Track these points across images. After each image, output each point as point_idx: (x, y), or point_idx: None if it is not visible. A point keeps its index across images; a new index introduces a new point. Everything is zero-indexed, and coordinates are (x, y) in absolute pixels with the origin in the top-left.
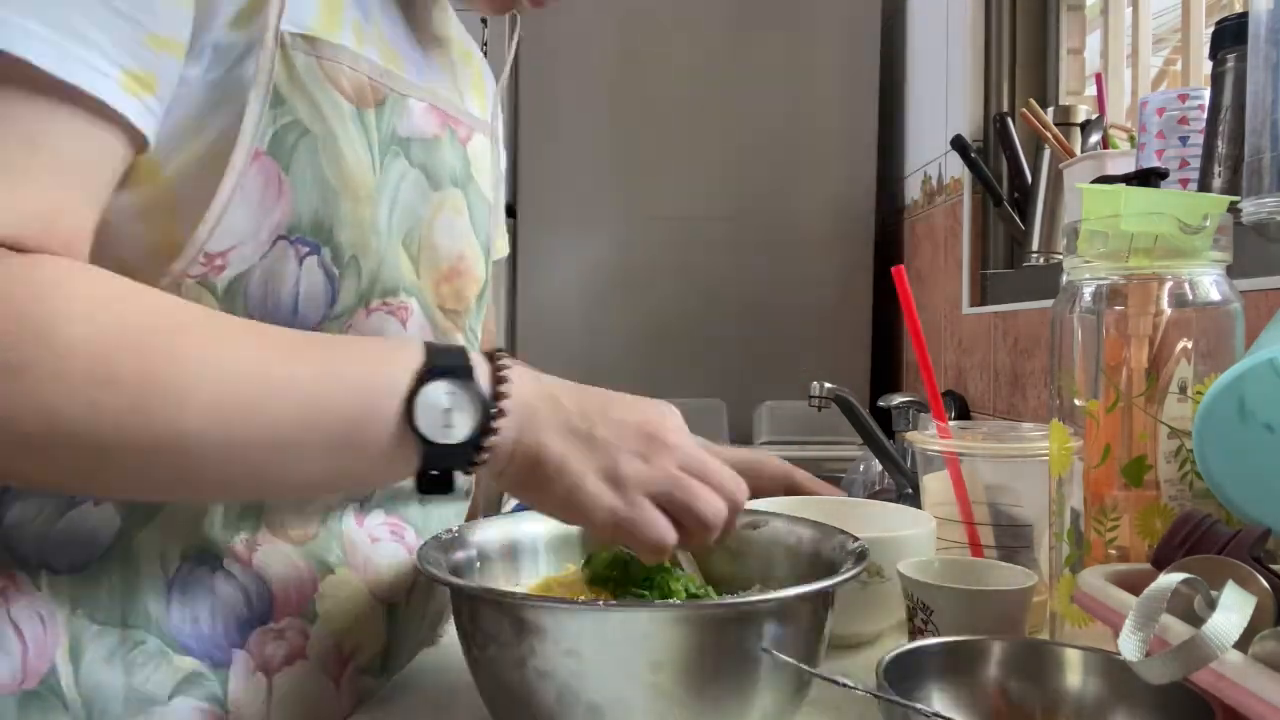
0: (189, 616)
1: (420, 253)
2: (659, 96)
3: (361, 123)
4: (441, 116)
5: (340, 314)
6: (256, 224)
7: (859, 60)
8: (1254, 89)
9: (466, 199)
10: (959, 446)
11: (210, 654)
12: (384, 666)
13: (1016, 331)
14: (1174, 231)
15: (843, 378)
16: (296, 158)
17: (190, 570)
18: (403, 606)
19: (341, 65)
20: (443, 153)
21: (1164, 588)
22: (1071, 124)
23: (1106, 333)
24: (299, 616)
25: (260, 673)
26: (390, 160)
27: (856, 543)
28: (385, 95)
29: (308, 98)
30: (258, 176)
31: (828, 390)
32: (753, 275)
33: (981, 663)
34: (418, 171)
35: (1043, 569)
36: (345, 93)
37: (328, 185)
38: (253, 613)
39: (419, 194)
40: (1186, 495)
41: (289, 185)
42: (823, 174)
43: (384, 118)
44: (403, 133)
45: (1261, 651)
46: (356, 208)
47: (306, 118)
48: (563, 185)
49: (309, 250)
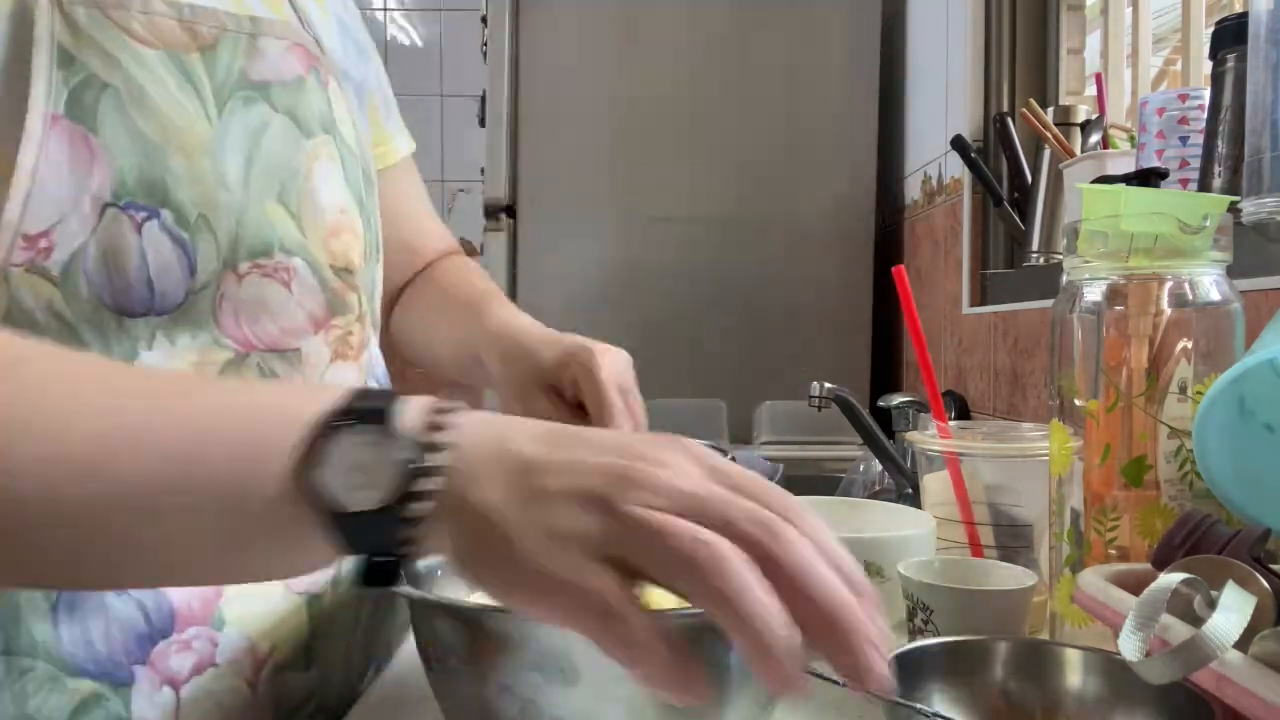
0: (80, 638)
1: (302, 207)
2: (659, 96)
3: (180, 69)
4: (306, 57)
5: (206, 283)
6: (74, 194)
7: (859, 60)
8: (1254, 89)
9: (338, 148)
10: (959, 446)
11: (109, 674)
12: (309, 662)
13: (1016, 331)
14: (1174, 231)
15: (843, 378)
16: (102, 115)
17: (75, 591)
18: (327, 594)
19: (130, 11)
20: (308, 96)
21: (1164, 588)
22: (1071, 124)
23: (1106, 333)
24: (205, 625)
25: (167, 687)
26: (238, 107)
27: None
28: (217, 37)
29: (99, 51)
30: (60, 141)
31: (828, 390)
32: (752, 275)
33: (981, 663)
34: (284, 118)
35: (1043, 569)
36: (143, 39)
37: (147, 140)
38: (153, 627)
39: (289, 143)
40: (1186, 495)
41: (100, 147)
42: (823, 174)
43: (218, 61)
44: (256, 76)
45: (1261, 651)
46: (191, 162)
47: (102, 71)
48: (563, 185)
49: (146, 215)
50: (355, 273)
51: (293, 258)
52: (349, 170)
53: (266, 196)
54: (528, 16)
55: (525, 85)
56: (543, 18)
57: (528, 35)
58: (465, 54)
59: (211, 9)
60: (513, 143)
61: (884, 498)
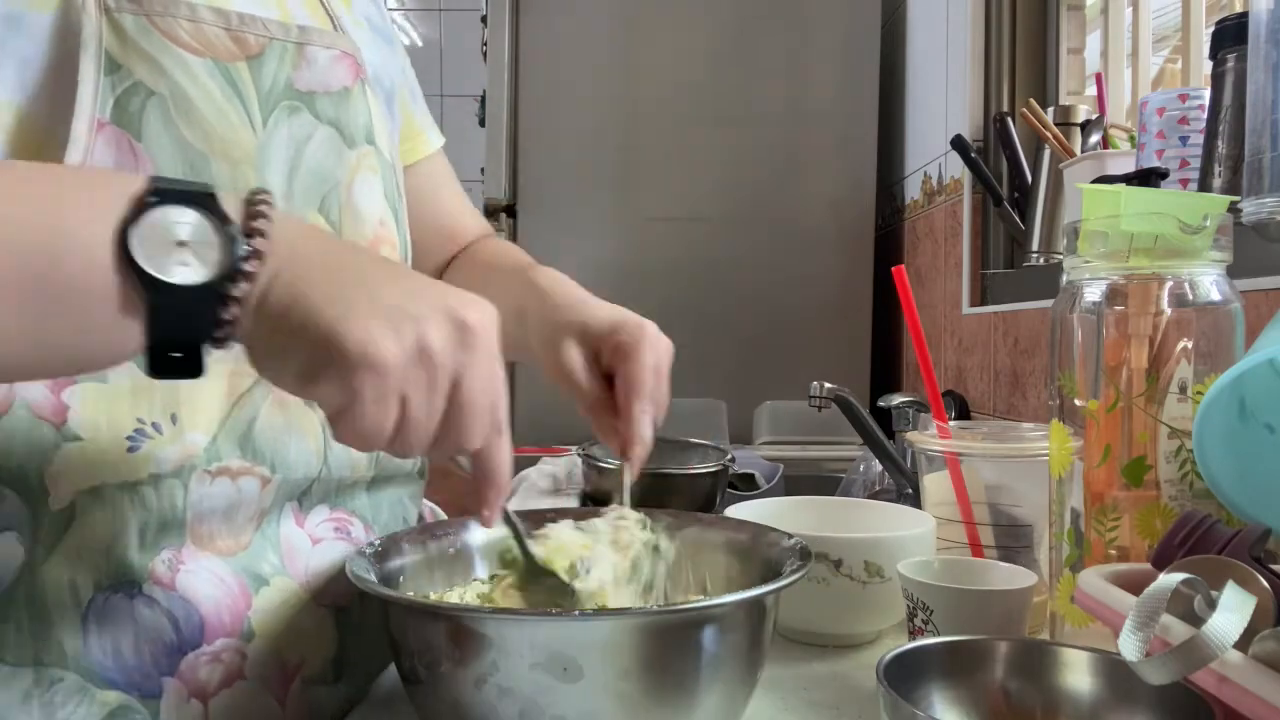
0: (109, 648)
1: (342, 218)
2: (659, 96)
3: (226, 78)
4: (353, 67)
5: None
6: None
7: (859, 60)
8: (1254, 89)
9: (378, 159)
10: (959, 446)
11: (138, 685)
12: (338, 675)
13: (1016, 331)
14: (1174, 231)
15: (843, 378)
16: (147, 122)
17: (105, 600)
18: (355, 609)
19: (178, 19)
20: (354, 107)
21: (1164, 588)
22: (1071, 124)
23: (1106, 333)
24: (234, 637)
25: (195, 700)
26: (283, 117)
27: (791, 539)
28: (265, 45)
29: (145, 58)
30: (106, 147)
31: (828, 390)
32: (752, 275)
33: (981, 663)
34: (329, 129)
35: (1043, 569)
36: (190, 47)
37: (191, 148)
38: (181, 638)
39: (332, 153)
40: (1186, 495)
41: (144, 153)
42: (823, 174)
43: (264, 69)
44: (302, 85)
45: (1261, 651)
46: (234, 170)
47: (148, 78)
48: (563, 185)
49: None
50: None
51: None
52: (386, 182)
53: (308, 207)
54: (528, 16)
55: (525, 85)
56: (543, 18)
57: (528, 35)
58: (465, 54)
59: (259, 17)
60: (513, 143)
61: (884, 498)
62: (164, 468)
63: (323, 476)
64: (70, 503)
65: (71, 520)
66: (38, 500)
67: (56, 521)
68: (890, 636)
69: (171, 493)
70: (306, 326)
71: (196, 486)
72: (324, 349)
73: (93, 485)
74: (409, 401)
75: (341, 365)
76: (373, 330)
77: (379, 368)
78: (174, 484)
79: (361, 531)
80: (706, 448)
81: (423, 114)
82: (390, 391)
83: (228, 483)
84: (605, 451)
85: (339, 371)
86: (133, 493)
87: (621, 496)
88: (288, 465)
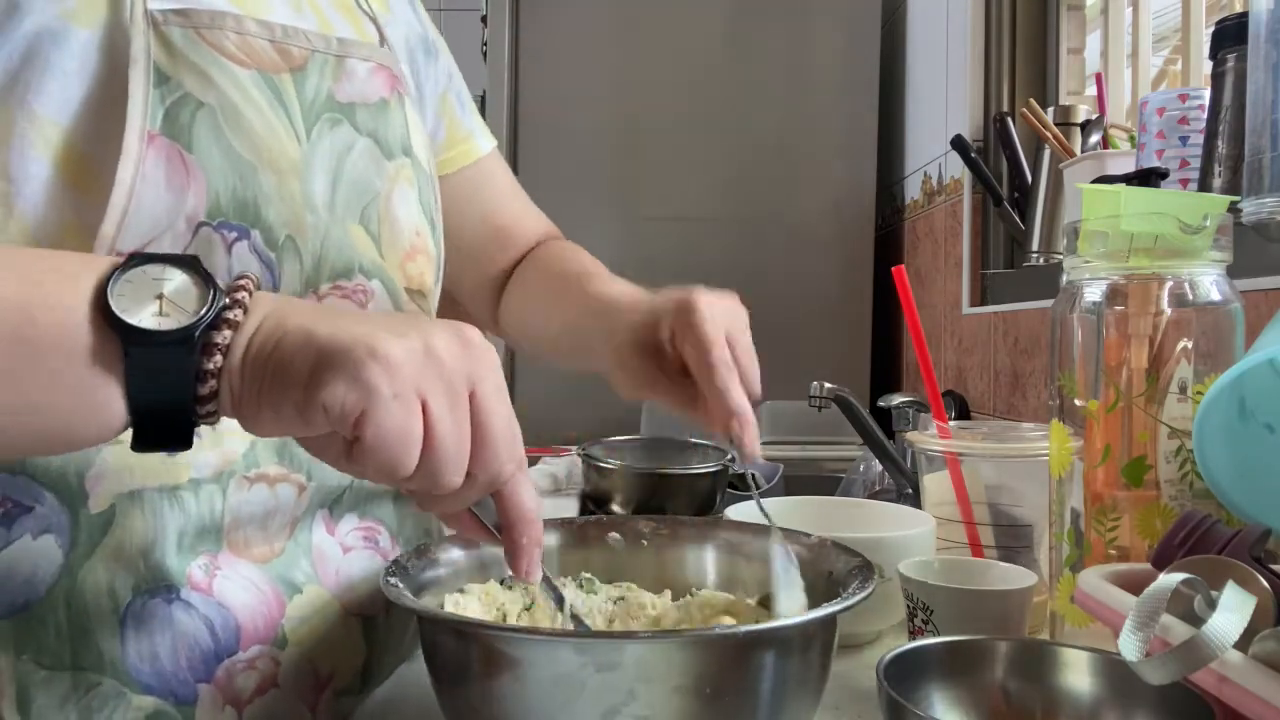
0: (146, 653)
1: (381, 229)
2: (659, 96)
3: (272, 89)
4: (389, 79)
5: None
6: (171, 212)
7: (859, 60)
8: (1254, 89)
9: (414, 170)
10: (959, 446)
11: (174, 691)
12: (364, 685)
13: (1016, 331)
14: (1174, 231)
15: (843, 378)
16: (197, 134)
17: (144, 604)
18: (381, 619)
19: (224, 31)
20: (391, 119)
21: (1164, 588)
22: (1071, 124)
23: (1106, 333)
24: (268, 644)
25: (230, 707)
26: (325, 129)
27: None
28: (307, 58)
29: (194, 70)
30: (158, 159)
31: (828, 390)
32: (752, 275)
33: (981, 663)
34: (368, 140)
35: (1043, 569)
36: (236, 58)
37: (240, 159)
38: (218, 644)
39: (371, 164)
40: (1186, 495)
41: (196, 165)
42: (823, 174)
43: (307, 82)
44: (343, 97)
45: (1261, 651)
46: (281, 182)
47: (197, 90)
48: (563, 185)
49: (237, 235)
50: (427, 295)
51: (371, 280)
52: (423, 192)
53: (349, 218)
54: (528, 16)
55: (525, 85)
56: (543, 18)
57: (528, 35)
58: (465, 54)
59: (301, 30)
60: (513, 143)
61: (884, 498)
62: (203, 473)
63: (354, 485)
64: (109, 506)
65: (110, 524)
66: (77, 503)
67: (95, 525)
68: (890, 636)
69: (210, 498)
70: (303, 345)
71: (235, 492)
72: (327, 353)
73: (132, 489)
74: (429, 405)
75: (347, 362)
76: (375, 334)
77: (387, 359)
78: (213, 489)
79: (388, 541)
80: (706, 448)
81: (471, 118)
82: (406, 386)
83: (265, 489)
84: (605, 451)
85: (346, 370)
86: (172, 497)
87: (756, 499)
88: (323, 472)
